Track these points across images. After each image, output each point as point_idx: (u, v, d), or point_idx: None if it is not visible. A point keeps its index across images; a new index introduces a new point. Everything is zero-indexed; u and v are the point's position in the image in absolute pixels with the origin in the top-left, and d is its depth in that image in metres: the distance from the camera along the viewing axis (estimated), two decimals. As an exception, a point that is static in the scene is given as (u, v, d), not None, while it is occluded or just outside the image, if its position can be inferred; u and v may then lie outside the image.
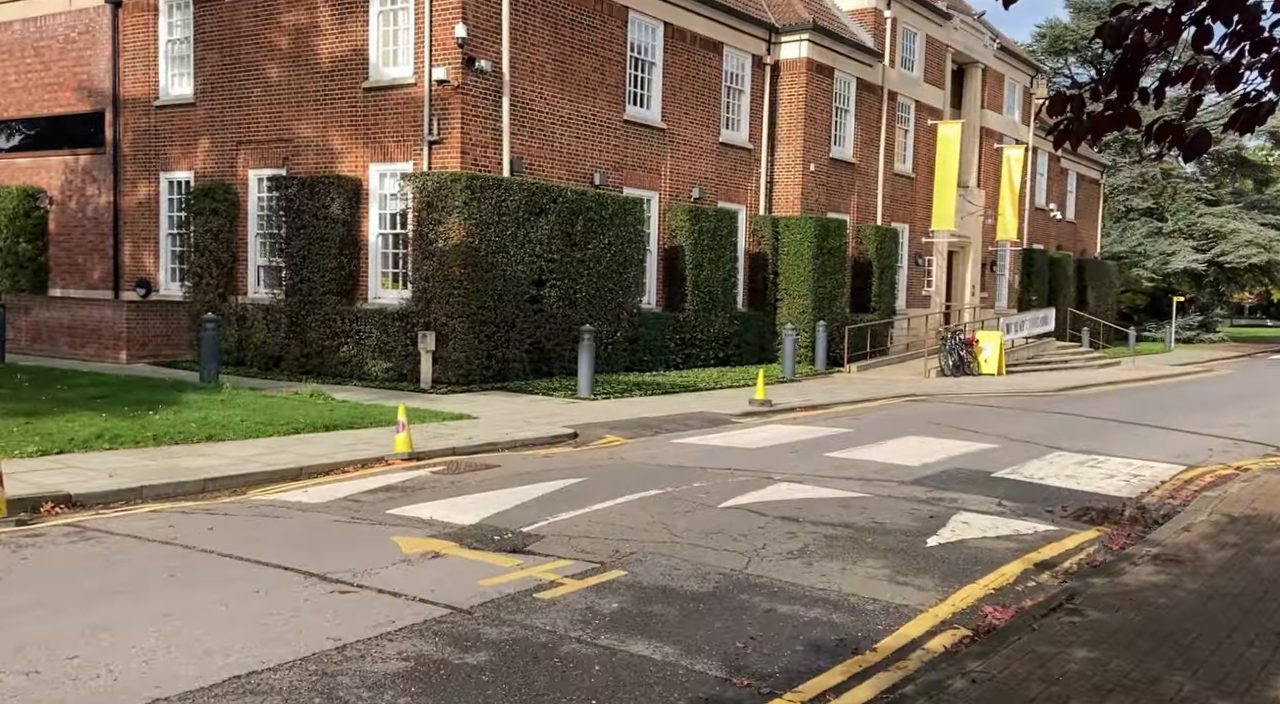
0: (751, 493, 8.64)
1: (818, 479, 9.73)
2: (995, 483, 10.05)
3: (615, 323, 19.74)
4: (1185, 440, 13.88)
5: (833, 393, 19.15)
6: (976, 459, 11.50)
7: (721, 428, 13.75)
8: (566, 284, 18.43)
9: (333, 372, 17.64)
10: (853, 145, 27.27)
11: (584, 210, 18.68)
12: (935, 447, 12.34)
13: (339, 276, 17.79)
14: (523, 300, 17.55)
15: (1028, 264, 37.71)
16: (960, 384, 22.38)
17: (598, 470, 9.64)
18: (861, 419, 15.32)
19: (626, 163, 21.03)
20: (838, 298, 25.42)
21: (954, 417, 15.97)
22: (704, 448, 11.74)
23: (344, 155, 18.20)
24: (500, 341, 17.20)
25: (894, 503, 8.63)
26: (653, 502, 8.02)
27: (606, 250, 19.29)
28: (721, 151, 23.88)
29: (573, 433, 12.22)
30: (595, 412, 14.60)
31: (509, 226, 17.15)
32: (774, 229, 24.79)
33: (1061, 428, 14.90)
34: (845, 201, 27.12)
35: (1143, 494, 9.86)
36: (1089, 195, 47.60)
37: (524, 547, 6.55)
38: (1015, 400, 19.30)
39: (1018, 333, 28.76)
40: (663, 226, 22.18)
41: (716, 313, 22.79)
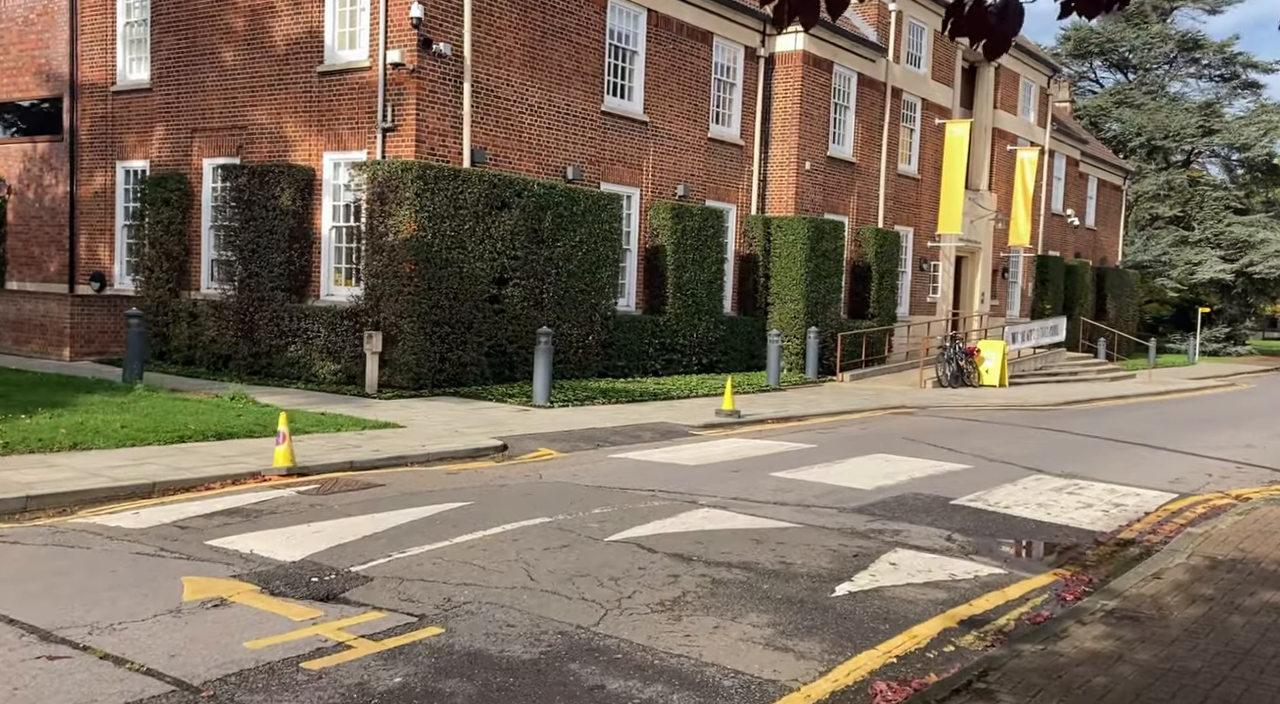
0: (656, 522, 7.54)
1: (747, 505, 8.61)
2: (952, 512, 8.89)
3: (587, 326, 18.67)
4: (1185, 463, 12.64)
5: (814, 404, 17.98)
6: (940, 482, 10.33)
7: (674, 441, 12.64)
8: (532, 284, 17.37)
9: (281, 373, 16.68)
10: (853, 144, 26.06)
11: (553, 205, 17.62)
12: (899, 467, 11.17)
13: (288, 272, 16.81)
14: (482, 300, 16.51)
15: (1042, 271, 36.31)
16: (956, 396, 21.13)
17: (495, 492, 8.56)
18: (832, 433, 14.16)
19: (604, 157, 19.96)
20: (832, 303, 24.23)
21: (935, 432, 14.78)
22: (641, 464, 10.64)
23: (298, 143, 17.24)
24: (455, 343, 16.16)
25: (819, 536, 7.50)
26: (531, 533, 6.92)
27: (578, 248, 18.22)
28: (710, 147, 22.76)
29: (501, 445, 11.15)
30: (543, 421, 13.53)
31: (467, 221, 16.11)
32: (766, 230, 23.64)
33: (1050, 446, 13.68)
34: (844, 202, 25.92)
35: (1119, 529, 8.67)
36: (1110, 202, 46.06)
37: (339, 593, 5.48)
38: (1010, 415, 18.05)
39: (1025, 342, 27.44)
40: (644, 225, 21.09)
41: (700, 317, 21.66)
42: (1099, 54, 59.09)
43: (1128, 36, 56.59)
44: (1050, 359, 29.35)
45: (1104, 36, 57.31)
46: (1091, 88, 62.09)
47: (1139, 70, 59.25)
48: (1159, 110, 54.44)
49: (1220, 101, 56.28)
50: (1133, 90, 57.76)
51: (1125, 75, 60.23)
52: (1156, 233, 54.49)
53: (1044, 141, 35.94)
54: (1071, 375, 28.16)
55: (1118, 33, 56.88)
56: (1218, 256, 52.29)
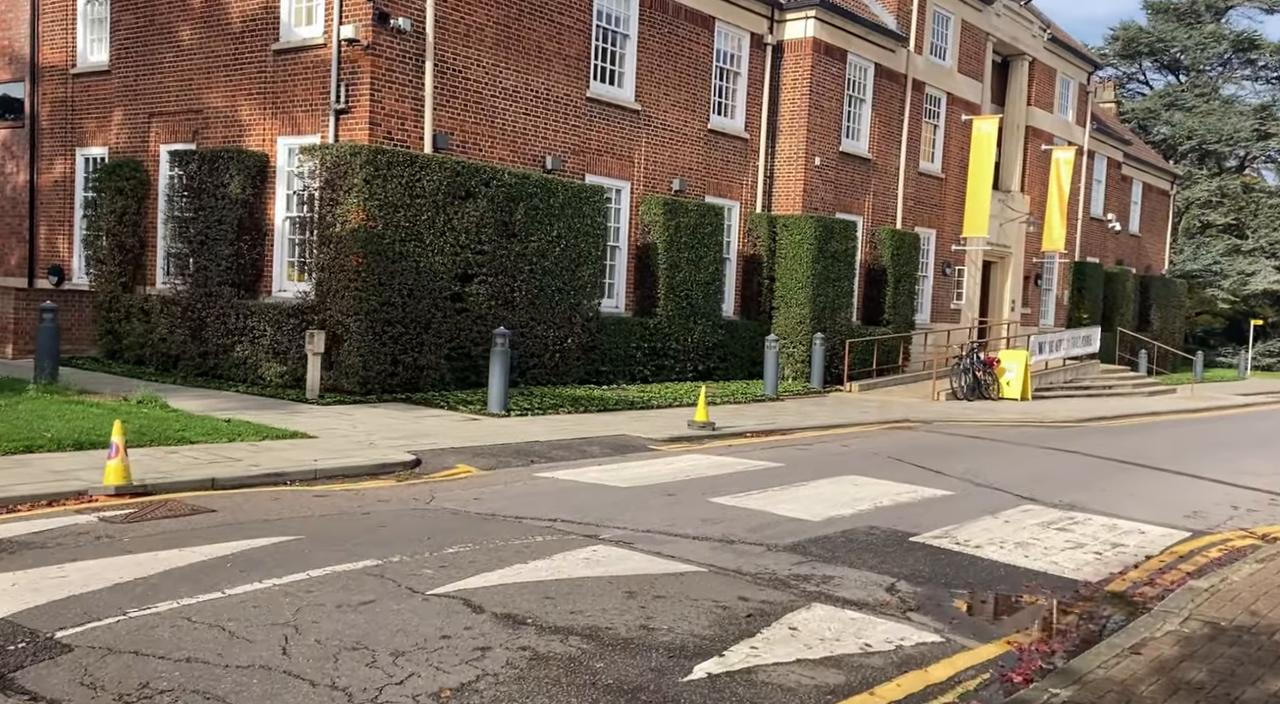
0: (517, 566, 6.14)
1: (657, 540, 7.20)
2: (907, 551, 7.41)
3: (566, 328, 17.33)
4: (1209, 492, 11.00)
5: (808, 416, 16.48)
6: (908, 512, 8.83)
7: (625, 457, 11.25)
8: (501, 281, 16.08)
9: (227, 375, 15.53)
10: (869, 139, 24.48)
11: (526, 196, 16.31)
12: (867, 492, 9.69)
13: (236, 266, 15.66)
14: (442, 297, 15.24)
15: (1079, 279, 34.39)
16: (969, 410, 19.49)
17: (344, 521, 7.16)
18: (810, 450, 12.67)
19: (590, 147, 18.62)
20: (842, 308, 22.67)
21: (928, 450, 13.23)
22: (565, 486, 9.26)
23: (252, 128, 16.11)
24: (410, 345, 14.89)
25: (721, 586, 6.07)
26: (334, 583, 5.53)
27: (554, 244, 16.89)
28: (711, 140, 21.34)
29: (414, 461, 9.83)
30: (485, 432, 12.21)
31: (425, 211, 14.86)
32: (770, 228, 22.17)
33: (1055, 469, 12.09)
34: (858, 201, 24.34)
35: (1109, 578, 7.14)
36: (1156, 207, 43.86)
37: (9, 673, 4.16)
38: (1022, 432, 16.41)
39: (1053, 353, 25.65)
40: (634, 221, 19.72)
41: (696, 320, 20.23)
42: (1149, 54, 56.67)
43: (1179, 36, 54.17)
44: (1082, 371, 27.51)
45: (1154, 36, 54.95)
46: (1140, 90, 59.66)
47: (1191, 72, 56.75)
48: (1211, 113, 51.98)
49: (1277, 104, 53.67)
50: (1184, 92, 55.31)
51: (1176, 77, 57.76)
52: (1207, 241, 52.00)
53: (1082, 141, 34.02)
54: (1105, 389, 26.30)
55: (1169, 32, 54.48)
56: (1272, 267, 49.76)
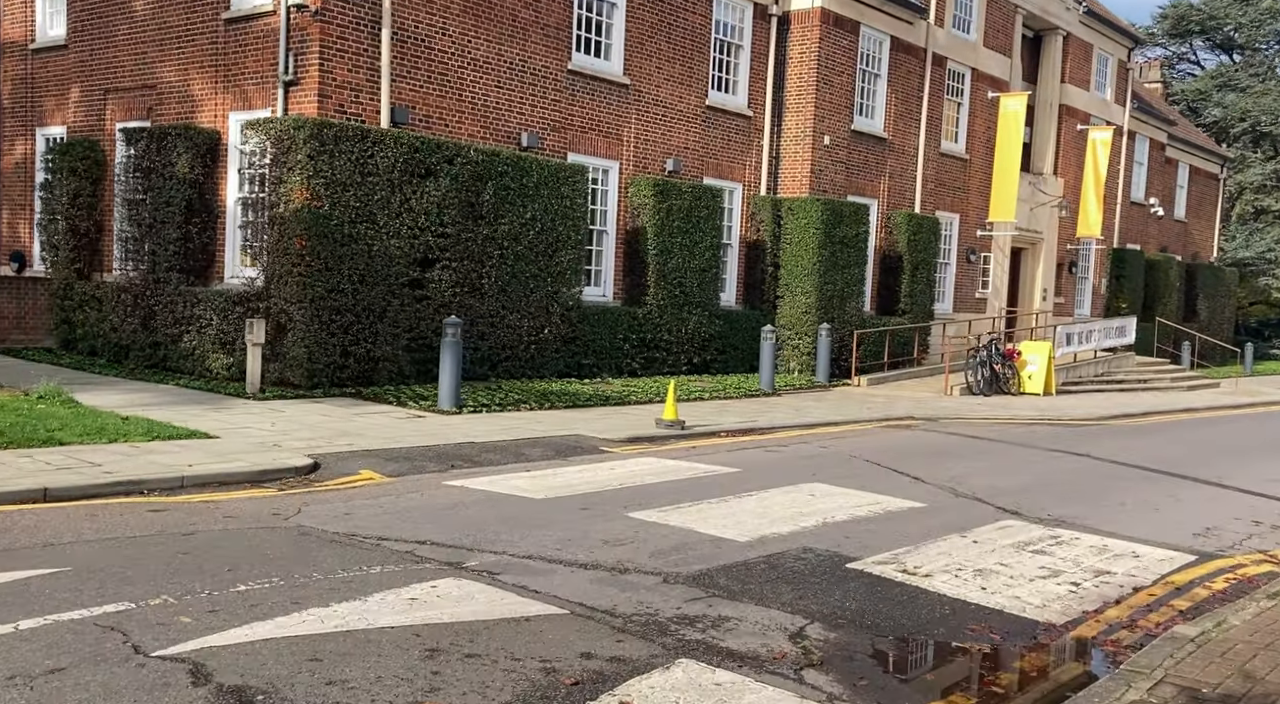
0: (316, 609, 4.96)
1: (534, 569, 6.05)
2: (838, 582, 6.18)
3: (542, 317, 16.20)
4: (1230, 504, 9.60)
5: (802, 413, 15.21)
6: (859, 530, 7.59)
7: (565, 461, 10.10)
8: (467, 266, 14.98)
9: (176, 366, 14.61)
10: (884, 117, 23.03)
11: (495, 175, 15.19)
12: (822, 504, 8.44)
13: (185, 250, 14.72)
14: (399, 284, 14.17)
15: (1118, 266, 32.58)
16: (982, 406, 18.06)
17: (138, 546, 6.03)
18: (780, 453, 11.42)
19: (572, 123, 17.44)
20: (852, 297, 21.30)
21: (916, 453, 11.91)
22: (475, 497, 8.14)
23: (204, 103, 15.15)
24: (363, 335, 13.85)
25: (569, 635, 4.88)
26: (31, 641, 4.09)
27: (529, 227, 15.76)
28: (709, 117, 20.06)
29: (310, 466, 8.75)
30: (422, 432, 11.14)
31: (379, 190, 13.79)
32: (775, 212, 20.85)
33: (1055, 476, 10.73)
34: (872, 184, 22.91)
35: (1080, 618, 5.86)
36: (1205, 192, 41.70)
37: None
38: (1034, 431, 14.99)
39: (1083, 345, 24.04)
40: (623, 203, 18.52)
41: (690, 310, 19.00)
42: (1200, 33, 54.17)
43: (1233, 13, 51.65)
44: (1116, 364, 25.84)
45: (1206, 13, 52.47)
46: (1191, 71, 57.15)
47: (1245, 50, 54.16)
48: (1267, 93, 49.45)
49: (1337, 83, 51.02)
50: (1237, 72, 52.79)
51: (1229, 56, 55.19)
52: (1260, 228, 49.56)
53: (1122, 121, 32.17)
54: (1139, 383, 24.65)
55: (1222, 9, 51.98)
56: (1331, 255, 47.31)
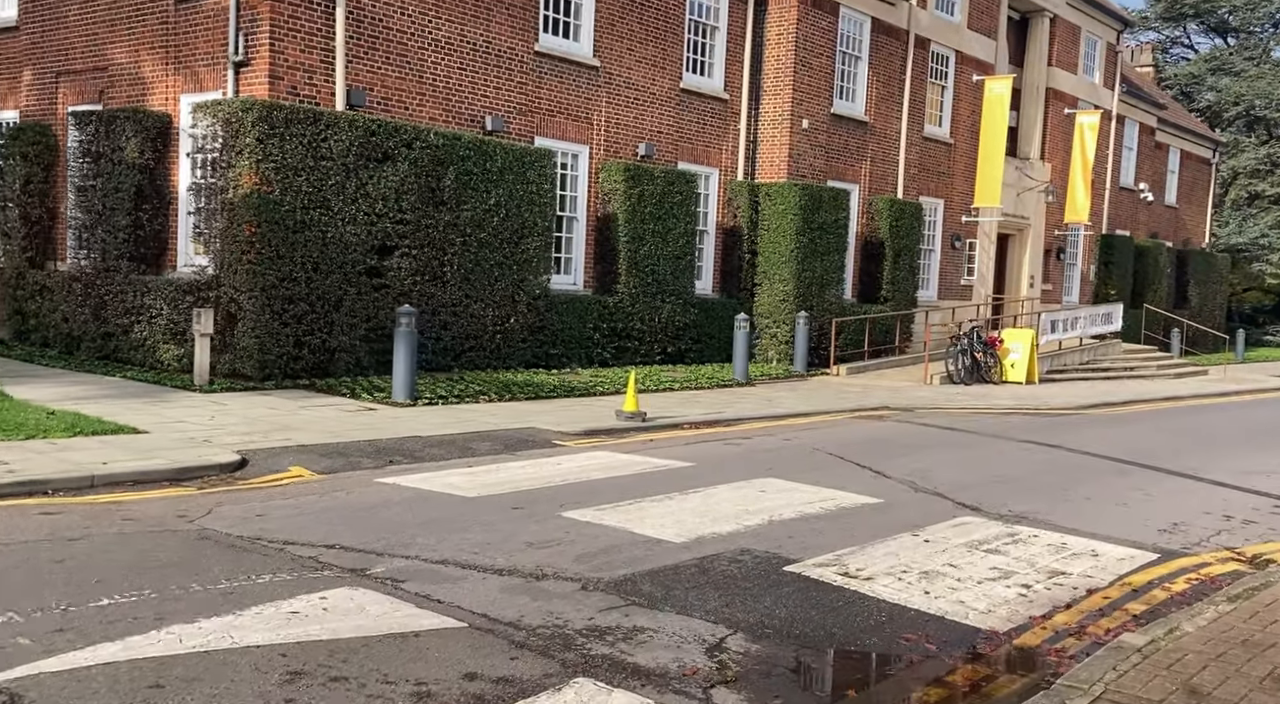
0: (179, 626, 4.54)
1: (445, 575, 5.66)
2: (771, 587, 5.80)
3: (508, 306, 15.78)
4: (1202, 497, 9.22)
5: (771, 404, 14.83)
6: (805, 529, 7.21)
7: (513, 455, 9.71)
8: (428, 254, 14.56)
9: (127, 358, 14.19)
10: (865, 101, 22.58)
11: (456, 160, 14.75)
12: (772, 501, 8.06)
13: (136, 238, 14.29)
14: (356, 272, 13.75)
15: (1106, 253, 32.19)
16: (961, 395, 17.67)
17: (3, 558, 5.72)
18: (741, 446, 11.04)
19: (539, 106, 16.99)
20: (832, 284, 20.89)
21: (882, 445, 11.53)
22: (406, 495, 7.75)
23: (155, 85, 14.70)
24: (318, 325, 13.42)
25: (459, 651, 4.49)
26: None
27: (493, 213, 15.33)
28: (684, 101, 19.61)
29: (237, 463, 8.35)
30: (367, 426, 10.75)
31: (333, 175, 13.36)
32: (752, 198, 20.43)
33: (1023, 469, 10.35)
34: (853, 169, 22.48)
35: (1027, 624, 5.48)
36: (1197, 177, 41.26)
37: None
38: (1010, 421, 14.61)
39: (1068, 332, 23.66)
40: (594, 189, 18.08)
41: (664, 298, 18.58)
42: (1194, 16, 53.63)
43: (1227, -4, 51.16)
44: (1103, 352, 25.48)
45: (1200, -3, 51.94)
46: (1184, 54, 56.67)
47: (1239, 34, 53.66)
48: (1261, 77, 48.94)
49: (1332, 66, 50.56)
50: (1232, 56, 52.31)
51: (1224, 39, 54.69)
52: (1254, 213, 49.15)
53: (1111, 105, 31.73)
54: (1126, 371, 24.29)
55: (1215, -8, 51.45)
56: (1324, 240, 46.92)
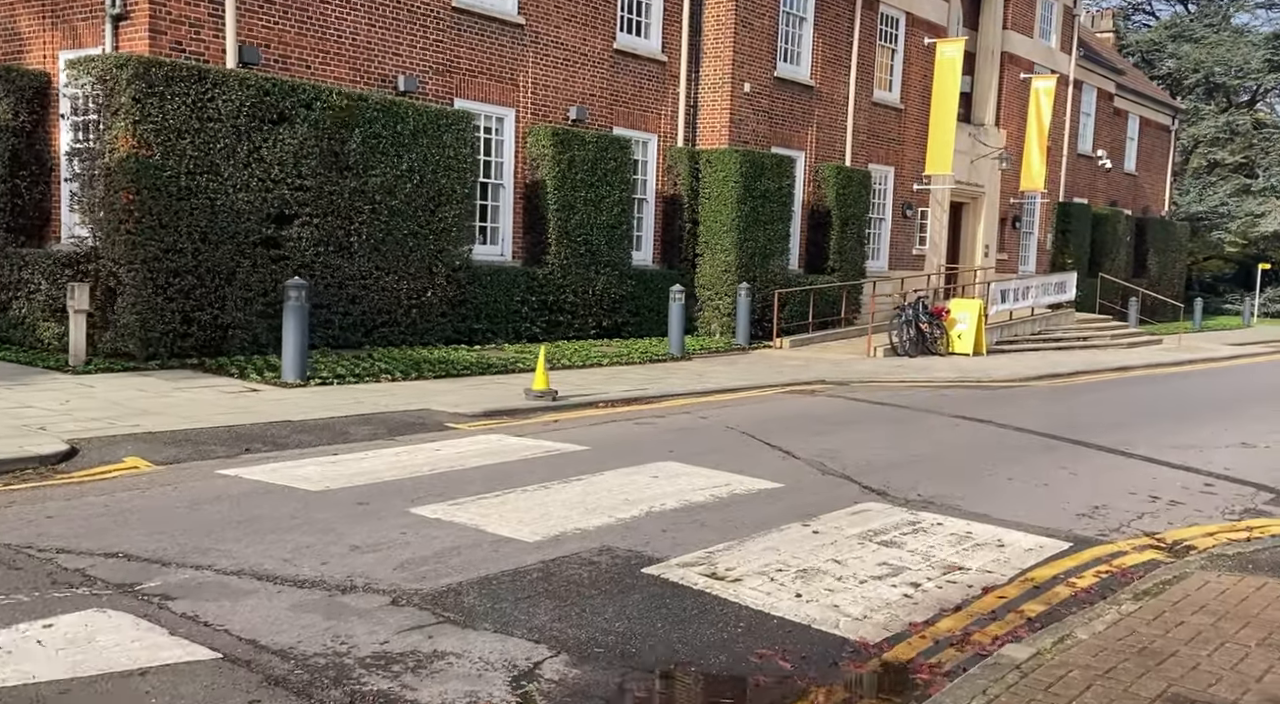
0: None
1: (230, 590, 4.89)
2: (619, 594, 5.08)
3: (424, 278, 14.94)
4: (1130, 475, 8.59)
5: (702, 379, 14.12)
6: (684, 521, 6.49)
7: (392, 440, 8.93)
8: (332, 223, 13.67)
9: (6, 337, 13.24)
10: (811, 64, 21.79)
11: (363, 122, 13.85)
12: (659, 489, 7.34)
13: (13, 207, 13.29)
14: (250, 243, 12.85)
15: (1063, 221, 31.66)
16: (902, 367, 17.03)
17: None
18: (653, 426, 10.31)
19: (458, 66, 16.07)
20: (776, 254, 20.17)
21: (803, 423, 10.84)
22: (244, 489, 6.97)
23: (32, 41, 13.66)
24: (209, 300, 12.53)
25: (157, 702, 3.76)
26: None
27: (405, 179, 14.45)
28: (618, 62, 18.73)
29: (64, 453, 7.52)
30: (238, 409, 9.93)
31: (222, 138, 12.43)
32: (692, 165, 19.62)
33: (947, 448, 9.69)
34: (798, 135, 21.71)
35: (902, 633, 4.79)
36: (1156, 144, 40.80)
37: None
38: (944, 395, 13.98)
39: (1020, 302, 23.09)
40: (521, 154, 17.21)
41: (598, 269, 17.77)
42: (1156, -18, 53.11)
43: (1187, -38, 50.64)
44: (1056, 321, 24.95)
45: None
46: (1146, 22, 56.13)
47: (1200, 0, 53.19)
48: (1220, 44, 48.50)
49: (1291, 32, 50.15)
50: (1192, 22, 51.84)
51: (1185, 6, 54.23)
52: (1214, 181, 48.85)
53: (1068, 70, 31.09)
54: (1078, 341, 23.77)
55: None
56: (1284, 207, 46.69)
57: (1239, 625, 4.85)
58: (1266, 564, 6.02)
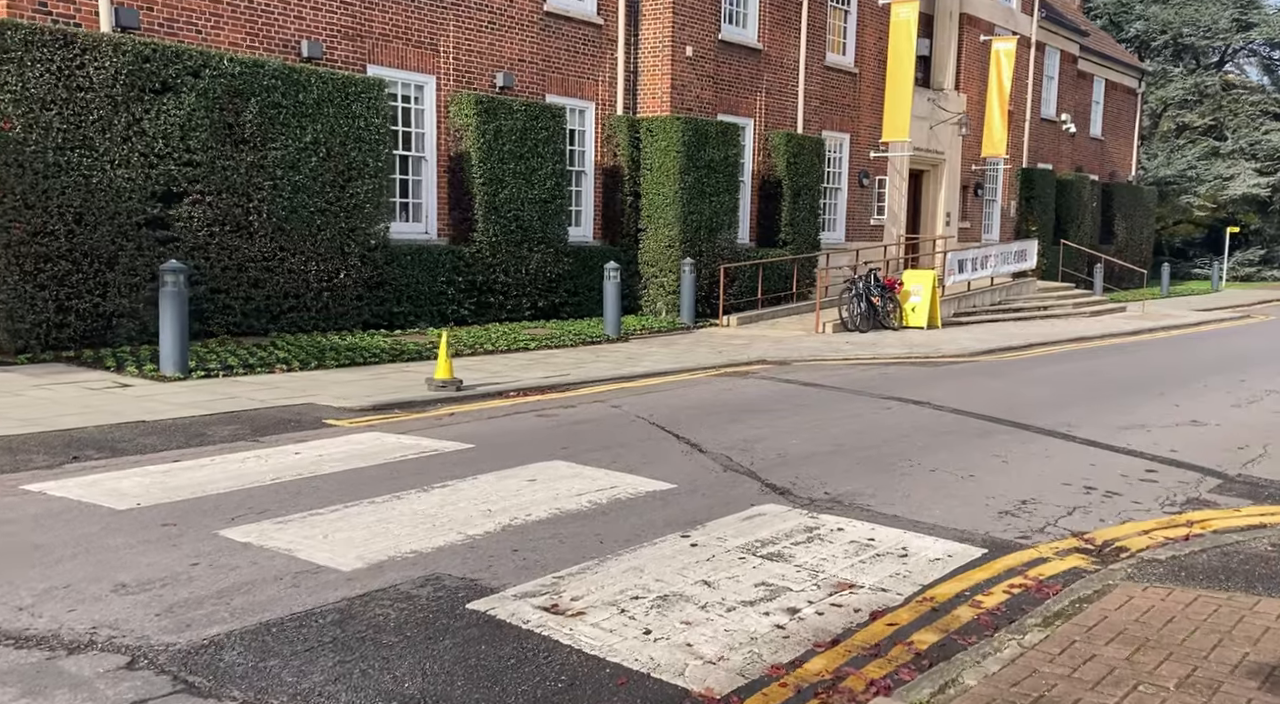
0: None
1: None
2: (429, 640, 4.23)
3: (337, 259, 13.98)
4: (1069, 462, 7.80)
5: (634, 362, 13.26)
6: (543, 535, 5.64)
7: (257, 441, 8.03)
8: (228, 201, 12.67)
9: (-126, 328, 12.24)
10: (758, 26, 20.81)
11: (260, 91, 12.83)
12: (531, 496, 6.48)
13: (-125, 189, 12.27)
14: (134, 224, 11.85)
15: (1027, 187, 30.88)
16: (849, 344, 16.22)
17: None
18: (555, 418, 9.45)
19: (371, 30, 15.03)
20: (724, 227, 19.28)
21: (723, 410, 10.00)
22: (34, 511, 6.06)
23: (-108, 12, 12.55)
24: (87, 287, 11.54)
25: None
26: None
27: (309, 152, 13.45)
28: (549, 25, 17.70)
29: None
30: (94, 407, 9.01)
31: (96, 109, 11.40)
32: (632, 134, 18.66)
33: (872, 434, 8.86)
34: (746, 101, 20.77)
35: (752, 685, 3.95)
36: (1122, 108, 40.08)
37: None
38: (887, 373, 13.17)
39: (978, 272, 22.31)
40: (444, 125, 16.21)
41: (532, 247, 16.83)
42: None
43: (1154, -78, 49.61)
44: (1017, 291, 24.22)
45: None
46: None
47: (1168, -40, 52.31)
48: (1188, 4, 47.69)
49: (1261, -10, 49.44)
50: (1160, -17, 51.03)
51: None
52: (1182, 145, 48.21)
53: (1030, 32, 30.22)
54: (1039, 311, 23.06)
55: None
56: (1252, 169, 46.09)
57: (1159, 658, 4.05)
58: (1202, 570, 5.24)
